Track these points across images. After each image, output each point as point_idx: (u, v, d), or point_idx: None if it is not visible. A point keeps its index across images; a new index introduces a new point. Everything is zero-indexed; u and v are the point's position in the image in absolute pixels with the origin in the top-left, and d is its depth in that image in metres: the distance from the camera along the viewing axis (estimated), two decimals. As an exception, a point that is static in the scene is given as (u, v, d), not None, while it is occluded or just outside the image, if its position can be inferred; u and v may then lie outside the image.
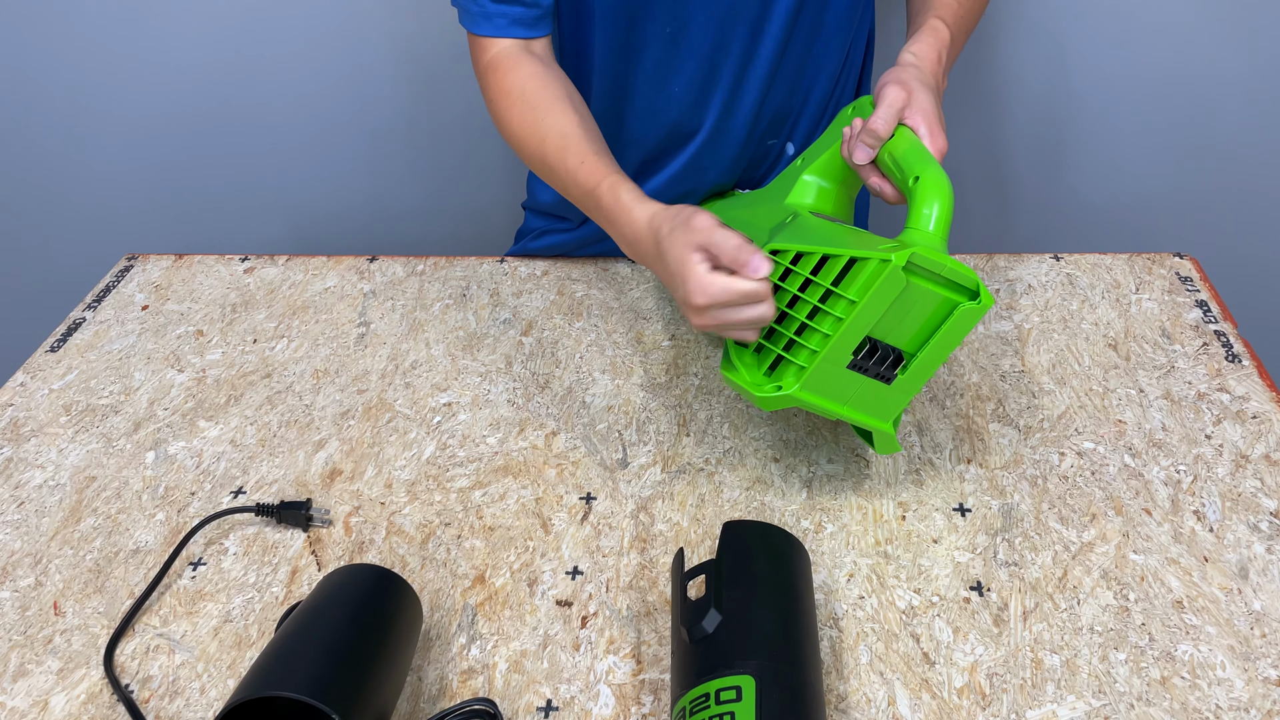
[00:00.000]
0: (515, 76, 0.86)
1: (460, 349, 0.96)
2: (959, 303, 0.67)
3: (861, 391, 0.70)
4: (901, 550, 0.74)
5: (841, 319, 0.66)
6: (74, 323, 1.02)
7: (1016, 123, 1.34)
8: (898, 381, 0.70)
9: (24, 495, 0.82)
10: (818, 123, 0.98)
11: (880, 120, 0.74)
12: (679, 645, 0.60)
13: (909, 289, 0.66)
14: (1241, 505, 0.76)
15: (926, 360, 0.69)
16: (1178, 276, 1.02)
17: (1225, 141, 1.33)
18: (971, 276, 0.67)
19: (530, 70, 0.86)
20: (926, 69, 0.79)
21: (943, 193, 0.68)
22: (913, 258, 0.65)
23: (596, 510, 0.78)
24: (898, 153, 0.73)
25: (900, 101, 0.74)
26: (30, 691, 0.67)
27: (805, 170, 0.85)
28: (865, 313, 0.66)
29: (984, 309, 0.67)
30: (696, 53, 0.88)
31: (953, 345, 0.69)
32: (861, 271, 0.66)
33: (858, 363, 0.68)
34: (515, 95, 0.86)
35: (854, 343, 0.67)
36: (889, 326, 0.68)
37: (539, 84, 0.85)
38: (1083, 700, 0.63)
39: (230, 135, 1.38)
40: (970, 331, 0.78)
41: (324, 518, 0.78)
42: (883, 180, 0.76)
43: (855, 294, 0.66)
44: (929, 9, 0.86)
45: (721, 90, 0.91)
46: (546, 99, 0.84)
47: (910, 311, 0.68)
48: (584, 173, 0.80)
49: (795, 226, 0.76)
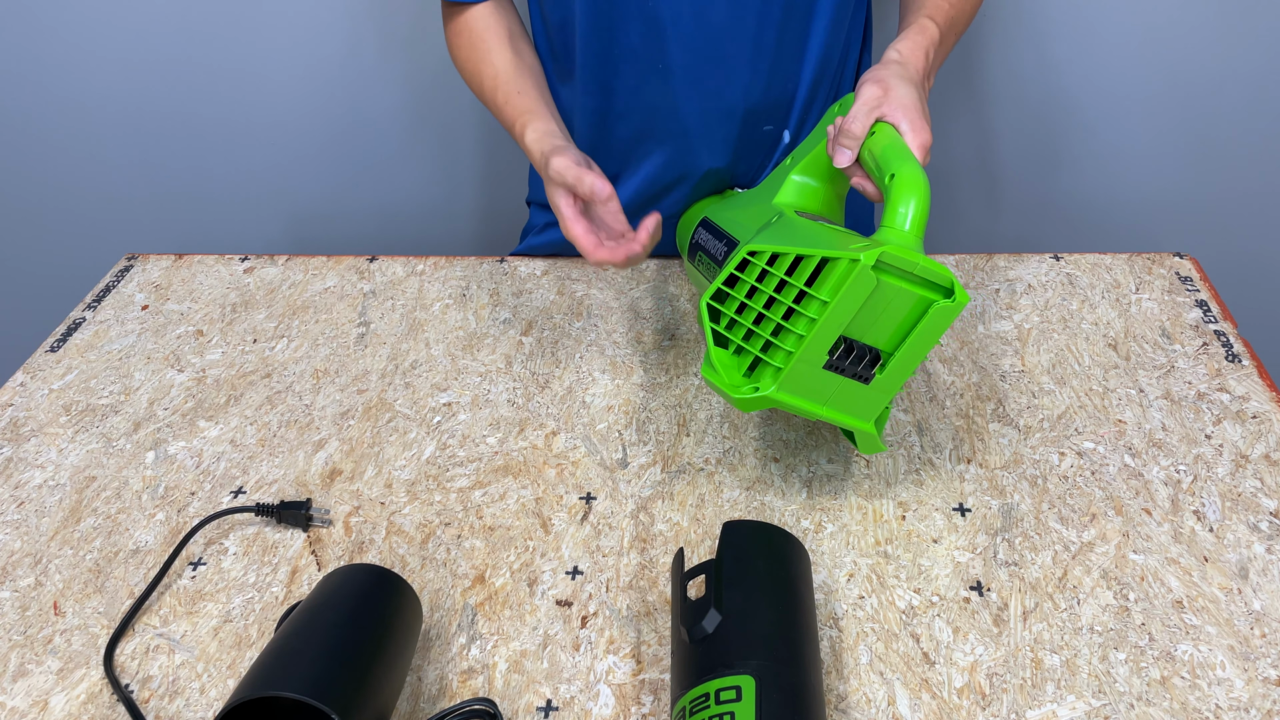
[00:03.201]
0: (465, 16, 0.96)
1: (460, 349, 0.96)
2: (934, 301, 0.67)
3: (840, 392, 0.70)
4: (901, 550, 0.74)
5: (815, 319, 0.66)
6: (74, 323, 1.02)
7: (1016, 122, 1.34)
8: (876, 381, 0.70)
9: (24, 495, 0.82)
10: (809, 110, 0.97)
11: (854, 120, 0.74)
12: (679, 645, 0.60)
13: (881, 288, 0.66)
14: (1241, 505, 0.76)
15: (904, 359, 0.69)
16: (1178, 276, 1.02)
17: (1225, 141, 1.33)
18: (946, 274, 0.67)
19: (479, 10, 0.96)
20: (910, 64, 0.79)
21: (918, 190, 0.68)
22: (883, 256, 0.65)
23: (596, 510, 0.78)
24: (876, 150, 0.72)
25: (875, 100, 0.74)
26: (30, 691, 0.67)
27: (793, 169, 0.86)
28: (837, 313, 0.66)
29: (959, 307, 0.67)
30: (682, 34, 0.88)
31: (930, 344, 0.69)
32: (833, 271, 0.66)
33: (834, 363, 0.68)
34: (464, 33, 0.96)
35: (828, 343, 0.67)
36: (864, 326, 0.68)
37: (483, 24, 0.95)
38: (1083, 700, 0.63)
39: (230, 135, 1.38)
40: (948, 329, 0.78)
41: (324, 518, 0.78)
42: (865, 179, 0.75)
43: (827, 294, 0.66)
44: (919, 8, 0.86)
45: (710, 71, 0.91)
46: (488, 37, 0.95)
47: (885, 311, 0.67)
48: (508, 109, 0.92)
49: (778, 227, 0.76)
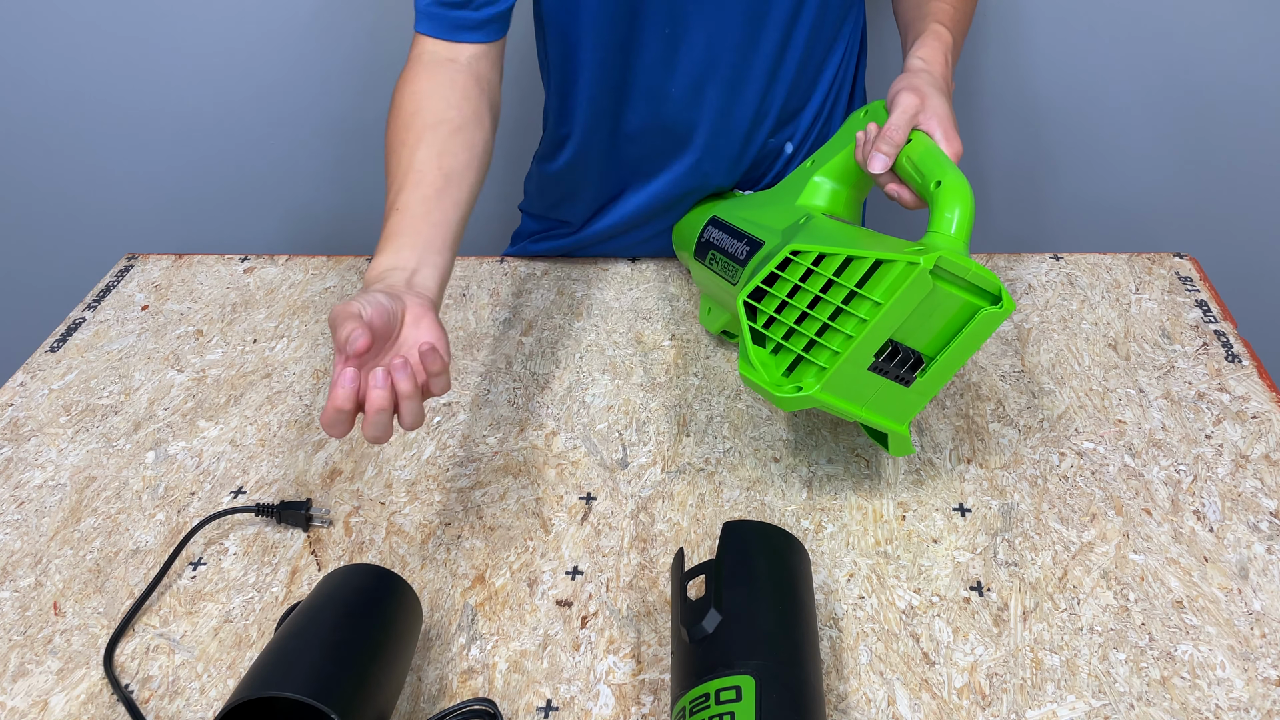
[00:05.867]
0: (410, 86, 0.82)
1: (460, 349, 0.96)
2: (981, 307, 0.68)
3: (880, 393, 0.70)
4: (901, 550, 0.74)
5: (866, 320, 0.67)
6: (74, 323, 1.02)
7: (1015, 123, 1.34)
8: (916, 384, 0.70)
9: (24, 495, 0.82)
10: (815, 122, 0.98)
11: (896, 128, 0.75)
12: (679, 645, 0.60)
13: (934, 292, 0.67)
14: (1241, 505, 0.76)
15: (946, 364, 0.70)
16: (1178, 276, 1.02)
17: (1225, 141, 1.33)
18: (994, 281, 0.68)
19: (423, 86, 0.81)
20: (936, 72, 0.80)
21: (964, 197, 0.69)
22: (939, 261, 0.66)
23: (596, 510, 0.78)
24: (915, 157, 0.73)
25: (914, 107, 0.75)
26: (30, 691, 0.67)
27: (816, 172, 0.86)
28: (890, 315, 0.67)
29: (1005, 314, 0.68)
30: (694, 52, 0.88)
31: (973, 349, 0.70)
32: (888, 274, 0.66)
33: (878, 365, 0.69)
34: (396, 104, 0.81)
35: (877, 344, 0.68)
36: (910, 329, 0.68)
37: (417, 104, 0.80)
38: (1083, 700, 0.63)
39: (230, 135, 1.38)
40: (990, 336, 0.78)
41: (324, 518, 0.78)
42: (901, 186, 0.76)
43: (881, 296, 0.66)
44: (925, 15, 0.87)
45: (720, 90, 0.91)
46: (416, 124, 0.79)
47: (933, 315, 0.68)
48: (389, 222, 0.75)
49: (811, 228, 0.76)
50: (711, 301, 0.94)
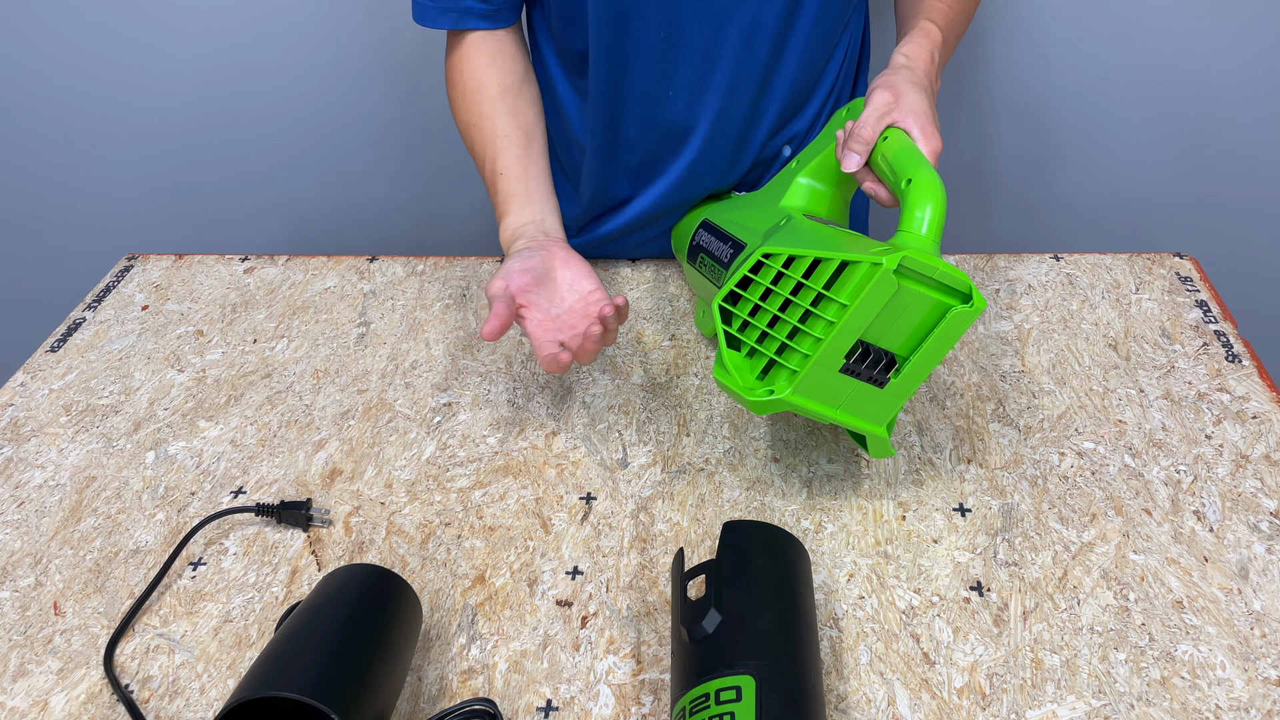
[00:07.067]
0: (463, 50, 0.91)
1: (460, 349, 0.96)
2: (951, 306, 0.67)
3: (854, 395, 0.70)
4: (901, 550, 0.74)
5: (833, 323, 0.66)
6: (74, 323, 1.02)
7: (1015, 122, 1.34)
8: (890, 385, 0.70)
9: (24, 495, 0.82)
10: (813, 125, 0.97)
11: (865, 125, 0.74)
12: (679, 645, 0.60)
13: (901, 292, 0.66)
14: (1241, 505, 0.76)
15: (919, 364, 0.69)
16: (1178, 276, 1.02)
17: (1225, 141, 1.33)
18: (964, 279, 0.67)
19: (477, 63, 0.91)
20: (918, 69, 0.79)
21: (935, 195, 0.68)
22: (904, 261, 0.65)
23: (596, 510, 0.78)
24: (890, 155, 0.72)
25: (885, 105, 0.74)
26: (30, 691, 0.67)
27: (799, 173, 0.85)
28: (856, 316, 0.66)
29: (976, 312, 0.67)
30: (690, 56, 0.88)
31: (945, 349, 0.69)
32: (853, 275, 0.66)
33: (850, 366, 0.68)
34: (459, 83, 0.92)
35: (846, 346, 0.67)
36: (881, 330, 0.68)
37: (482, 72, 0.91)
38: (1083, 700, 0.63)
39: (230, 135, 1.38)
40: (963, 335, 0.77)
41: (324, 518, 0.78)
42: (877, 184, 0.75)
43: (846, 297, 0.66)
44: (919, 11, 0.86)
45: (716, 93, 0.90)
46: (482, 98, 0.91)
47: (902, 315, 0.67)
48: (496, 192, 0.90)
49: (788, 229, 0.76)
50: (705, 304, 0.93)
